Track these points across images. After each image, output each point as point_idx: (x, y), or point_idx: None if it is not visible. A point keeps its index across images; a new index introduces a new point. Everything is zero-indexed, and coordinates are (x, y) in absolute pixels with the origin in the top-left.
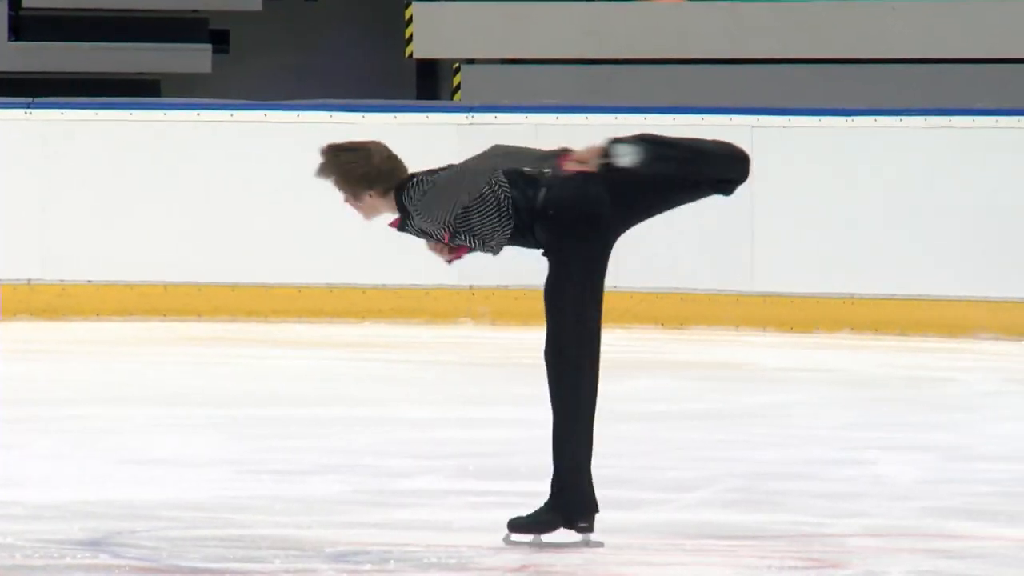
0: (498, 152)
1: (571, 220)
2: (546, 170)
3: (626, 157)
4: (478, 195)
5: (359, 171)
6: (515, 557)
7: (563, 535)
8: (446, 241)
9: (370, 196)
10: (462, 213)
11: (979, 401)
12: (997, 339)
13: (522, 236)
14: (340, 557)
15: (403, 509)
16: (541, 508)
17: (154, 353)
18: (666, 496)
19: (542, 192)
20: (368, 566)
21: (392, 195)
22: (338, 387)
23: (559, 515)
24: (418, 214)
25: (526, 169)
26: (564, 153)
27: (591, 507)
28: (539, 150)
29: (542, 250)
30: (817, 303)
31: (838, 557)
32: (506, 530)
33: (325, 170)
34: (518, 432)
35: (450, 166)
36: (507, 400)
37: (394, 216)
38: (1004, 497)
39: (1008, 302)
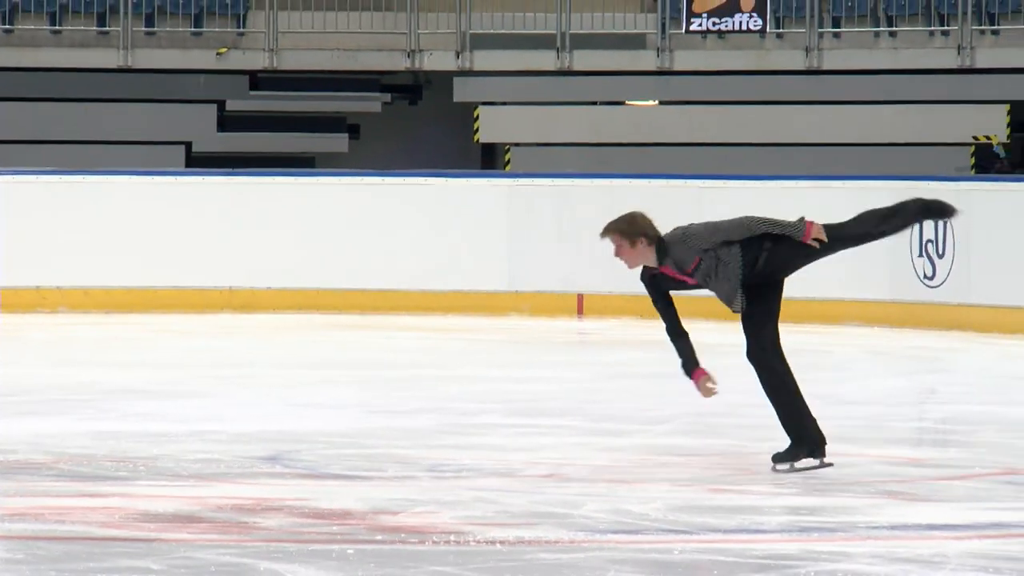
0: (748, 221)
1: (775, 277)
2: (791, 233)
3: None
4: (736, 242)
5: (640, 228)
6: (544, 467)
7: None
8: (689, 271)
9: (641, 244)
10: (717, 259)
11: (847, 365)
12: (860, 325)
13: (744, 288)
14: (432, 467)
15: (472, 436)
16: (790, 446)
17: (311, 335)
18: (644, 427)
19: (763, 256)
20: (450, 473)
21: (654, 245)
22: (430, 357)
23: (803, 449)
24: (682, 242)
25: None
26: (807, 224)
27: (821, 441)
28: (783, 220)
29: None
30: None
31: (754, 468)
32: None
33: (616, 228)
34: (549, 386)
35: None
36: (541, 365)
37: (651, 262)
38: (866, 428)
39: (870, 302)
